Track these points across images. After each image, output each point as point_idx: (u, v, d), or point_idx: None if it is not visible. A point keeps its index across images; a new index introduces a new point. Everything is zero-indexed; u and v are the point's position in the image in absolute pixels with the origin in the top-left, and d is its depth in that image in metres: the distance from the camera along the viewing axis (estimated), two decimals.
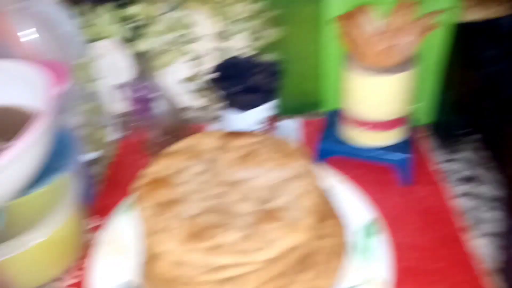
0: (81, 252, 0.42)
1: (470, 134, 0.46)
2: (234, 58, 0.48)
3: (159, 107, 0.52)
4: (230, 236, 0.31)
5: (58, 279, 0.40)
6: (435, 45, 0.46)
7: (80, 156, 0.43)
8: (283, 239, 0.31)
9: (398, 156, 0.45)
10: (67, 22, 0.42)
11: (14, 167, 0.32)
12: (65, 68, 0.39)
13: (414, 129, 0.49)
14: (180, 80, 0.55)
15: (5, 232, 0.37)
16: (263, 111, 0.48)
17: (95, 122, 0.49)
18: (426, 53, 0.45)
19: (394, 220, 0.41)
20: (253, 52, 0.49)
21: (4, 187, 0.33)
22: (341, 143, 0.48)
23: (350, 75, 0.42)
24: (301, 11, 0.47)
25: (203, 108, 0.61)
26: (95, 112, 0.48)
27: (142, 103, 0.51)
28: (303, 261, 0.33)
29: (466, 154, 0.49)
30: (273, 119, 0.50)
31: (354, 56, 0.41)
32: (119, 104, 0.54)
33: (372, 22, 0.39)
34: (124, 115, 0.60)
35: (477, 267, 0.38)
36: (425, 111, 0.51)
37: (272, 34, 0.45)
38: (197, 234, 0.31)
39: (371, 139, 0.46)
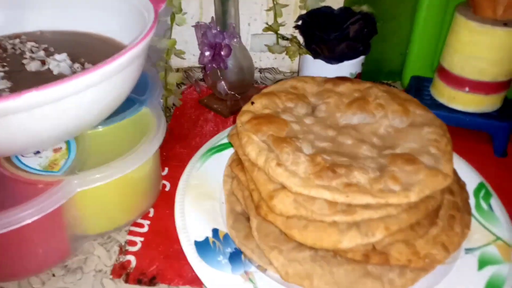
0: (156, 197, 0.38)
1: None
2: (325, 7, 0.45)
3: (232, 59, 0.48)
4: (362, 176, 0.28)
5: (132, 224, 0.35)
6: None
7: (158, 95, 0.39)
8: (426, 183, 0.27)
9: (496, 123, 0.42)
10: None
11: (105, 87, 0.28)
12: None
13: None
14: (256, 33, 0.52)
15: (83, 163, 0.32)
16: (354, 65, 0.45)
17: (168, 64, 0.44)
18: None
19: (495, 190, 0.38)
20: (346, 3, 0.45)
21: (85, 112, 0.29)
22: (431, 107, 0.44)
23: (463, 28, 0.39)
24: None
25: (273, 68, 0.57)
26: (169, 53, 0.44)
27: (215, 50, 0.47)
28: (432, 215, 0.30)
29: None
30: (359, 76, 0.46)
31: (473, 7, 0.38)
32: (190, 50, 0.50)
33: None
34: (195, 64, 0.55)
35: None
36: None
37: None
38: (326, 170, 0.28)
39: (469, 103, 0.42)
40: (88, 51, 0.36)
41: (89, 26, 0.38)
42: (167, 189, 0.39)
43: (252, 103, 0.35)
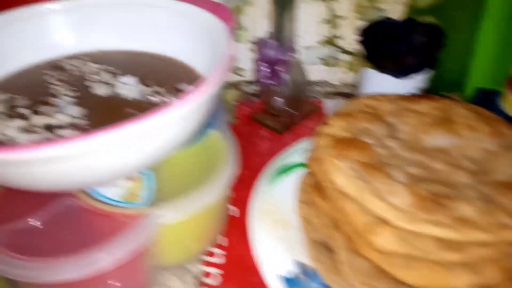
0: (225, 224, 0.36)
1: None
2: (387, 18, 0.43)
3: (286, 74, 0.46)
4: (468, 208, 0.26)
5: (204, 254, 0.34)
6: None
7: (223, 116, 0.38)
8: None
9: None
10: None
11: (196, 115, 0.27)
12: (230, 12, 0.34)
13: None
14: (309, 45, 0.50)
15: (160, 192, 0.31)
16: (420, 80, 0.43)
17: (225, 81, 0.43)
18: None
19: None
20: (409, 14, 0.43)
21: (175, 140, 0.27)
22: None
23: None
24: None
25: (324, 81, 0.55)
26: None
27: (271, 65, 0.46)
28: None
29: None
30: (425, 92, 0.44)
31: None
32: (241, 64, 0.49)
33: None
34: (247, 80, 0.54)
35: None
36: None
37: None
38: (430, 203, 0.26)
39: None
40: (154, 73, 0.35)
41: (152, 46, 0.37)
42: (234, 213, 0.38)
43: (330, 125, 0.33)
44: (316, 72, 0.55)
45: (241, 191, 0.38)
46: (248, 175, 0.41)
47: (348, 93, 0.54)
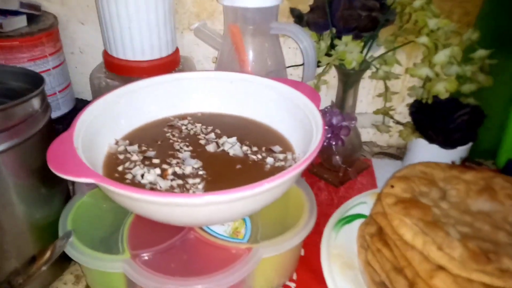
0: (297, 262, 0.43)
1: None
2: (435, 97, 0.52)
3: (345, 136, 0.55)
4: (510, 262, 0.32)
5: (282, 285, 0.41)
6: None
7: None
8: None
9: None
10: (308, 44, 0.46)
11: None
12: (314, 91, 0.43)
13: None
14: (366, 113, 0.59)
15: (253, 234, 0.38)
16: (462, 151, 0.50)
17: None
18: None
19: None
20: (453, 94, 0.52)
21: (277, 195, 0.35)
22: None
23: None
24: (503, 62, 0.51)
25: (372, 142, 0.64)
26: None
27: (334, 129, 0.54)
28: None
29: None
30: (465, 161, 0.52)
31: None
32: None
33: None
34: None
35: None
36: None
37: (482, 81, 0.48)
38: (480, 256, 0.33)
39: None
40: (250, 135, 0.44)
41: (249, 113, 0.46)
42: (302, 254, 0.45)
43: (392, 186, 0.41)
44: (365, 134, 0.64)
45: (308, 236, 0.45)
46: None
47: (392, 154, 0.62)
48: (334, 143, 0.55)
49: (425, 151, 0.51)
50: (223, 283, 0.33)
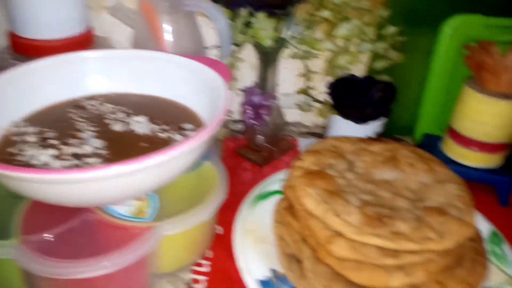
0: (213, 240, 0.43)
1: None
2: (352, 75, 0.53)
3: (267, 116, 0.55)
4: (403, 225, 0.34)
5: (193, 265, 0.40)
6: None
7: (217, 149, 0.46)
8: (457, 231, 0.33)
9: (501, 178, 0.49)
10: (222, 21, 0.46)
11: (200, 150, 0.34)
12: (228, 70, 0.42)
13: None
14: (286, 92, 0.59)
15: (161, 211, 0.38)
16: (376, 125, 0.52)
17: None
18: None
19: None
20: (368, 72, 0.53)
21: (177, 170, 0.35)
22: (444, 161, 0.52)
23: (471, 98, 0.47)
24: (416, 40, 0.53)
25: (299, 123, 0.64)
26: None
27: (256, 109, 0.54)
28: (460, 258, 0.36)
29: None
30: (380, 135, 0.54)
31: (480, 81, 0.46)
32: (235, 108, 0.57)
33: (497, 54, 0.45)
34: (235, 119, 0.63)
35: None
36: None
37: (393, 57, 0.50)
38: (375, 221, 0.34)
39: (477, 159, 0.50)
40: (162, 113, 0.43)
41: (160, 92, 0.45)
42: (219, 231, 0.45)
43: (302, 160, 0.41)
44: (291, 115, 0.64)
45: (225, 214, 0.45)
46: (232, 200, 0.48)
47: (319, 134, 0.64)
48: (256, 122, 0.55)
49: (342, 128, 0.52)
50: (120, 262, 0.32)
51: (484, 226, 0.43)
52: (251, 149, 0.58)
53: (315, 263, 0.36)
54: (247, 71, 0.60)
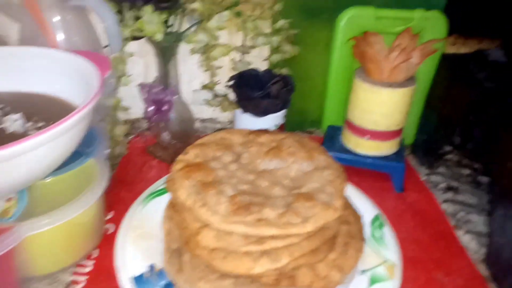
0: (100, 240, 0.42)
1: (451, 151, 0.54)
2: (252, 69, 0.53)
3: (172, 112, 0.54)
4: (271, 212, 0.34)
5: (76, 265, 0.39)
6: (424, 71, 0.54)
7: (104, 147, 0.45)
8: (320, 215, 0.34)
9: (394, 164, 0.51)
10: (108, 16, 0.45)
11: (55, 144, 0.33)
12: (107, 60, 0.42)
13: (404, 145, 0.56)
14: (196, 89, 0.59)
15: (32, 211, 0.36)
16: (276, 118, 0.53)
17: (114, 118, 0.50)
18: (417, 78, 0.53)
19: (393, 219, 0.46)
20: (270, 66, 0.54)
21: (35, 167, 0.34)
22: (343, 151, 0.53)
23: (359, 88, 0.49)
24: (314, 34, 0.55)
25: (213, 117, 0.64)
26: (115, 109, 0.50)
27: (157, 106, 0.54)
28: (330, 242, 0.37)
29: (444, 168, 0.56)
30: (282, 127, 0.54)
31: (366, 71, 0.48)
32: (136, 105, 0.56)
33: (382, 44, 0.47)
34: (139, 117, 0.62)
35: (467, 258, 0.44)
36: (411, 131, 0.59)
37: (289, 50, 0.51)
38: (241, 209, 0.34)
39: (371, 148, 0.52)
40: (41, 110, 0.41)
41: (40, 88, 0.43)
42: (111, 231, 0.44)
43: (186, 153, 0.41)
44: (206, 111, 0.64)
45: (122, 212, 0.44)
46: (132, 198, 0.47)
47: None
48: (159, 119, 0.54)
49: (244, 122, 0.53)
50: None
51: (370, 210, 0.45)
52: (160, 147, 0.57)
53: (193, 255, 0.36)
54: (150, 67, 0.59)
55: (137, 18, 0.47)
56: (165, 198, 0.45)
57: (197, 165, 0.39)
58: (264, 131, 0.45)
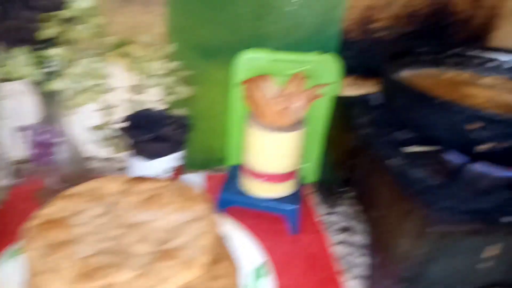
0: None
1: (347, 191, 0.55)
2: (146, 110, 0.52)
3: (61, 154, 0.51)
4: (123, 275, 0.32)
5: None
6: (320, 113, 0.55)
7: None
8: (177, 276, 0.32)
9: (288, 207, 0.51)
10: None
11: None
12: None
13: (302, 185, 0.56)
14: (88, 128, 0.56)
15: None
16: (170, 160, 0.51)
17: None
18: (313, 120, 0.54)
19: (282, 265, 0.46)
20: (165, 106, 0.52)
21: None
22: (239, 194, 0.52)
23: (251, 131, 0.49)
24: (212, 74, 0.54)
25: (108, 158, 0.61)
26: None
27: (43, 148, 0.50)
28: None
29: (343, 208, 0.57)
30: (179, 169, 0.53)
31: (255, 115, 0.48)
32: (17, 148, 0.52)
33: (271, 88, 0.47)
34: (22, 160, 0.57)
35: None
36: (311, 171, 0.60)
37: (184, 91, 0.50)
38: (87, 274, 0.31)
39: (266, 190, 0.51)
40: None
41: None
42: None
43: (50, 206, 0.38)
44: (105, 151, 0.61)
45: None
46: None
47: None
48: (45, 162, 0.51)
49: (137, 164, 0.51)
50: None
51: (258, 258, 0.44)
52: (50, 191, 0.53)
53: None
54: (30, 108, 0.56)
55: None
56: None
57: (54, 221, 0.36)
58: (145, 179, 0.43)
